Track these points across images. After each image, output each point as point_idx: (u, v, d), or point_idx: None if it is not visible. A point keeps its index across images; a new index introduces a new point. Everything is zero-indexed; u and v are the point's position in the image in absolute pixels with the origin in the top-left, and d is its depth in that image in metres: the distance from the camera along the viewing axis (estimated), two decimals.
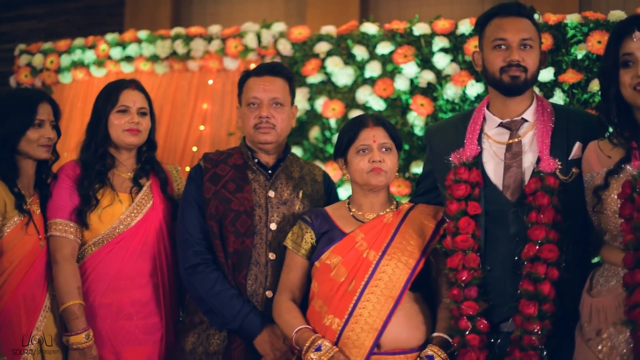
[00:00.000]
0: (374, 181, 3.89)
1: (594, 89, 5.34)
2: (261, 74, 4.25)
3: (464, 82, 5.57)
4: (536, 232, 3.57)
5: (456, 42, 5.71)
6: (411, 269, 3.78)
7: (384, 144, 3.91)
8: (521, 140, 3.81)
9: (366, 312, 3.70)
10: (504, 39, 3.76)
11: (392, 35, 5.86)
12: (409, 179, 5.62)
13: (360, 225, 3.91)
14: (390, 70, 5.77)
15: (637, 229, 3.20)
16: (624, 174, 3.37)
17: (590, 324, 3.42)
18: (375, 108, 5.72)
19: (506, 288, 3.64)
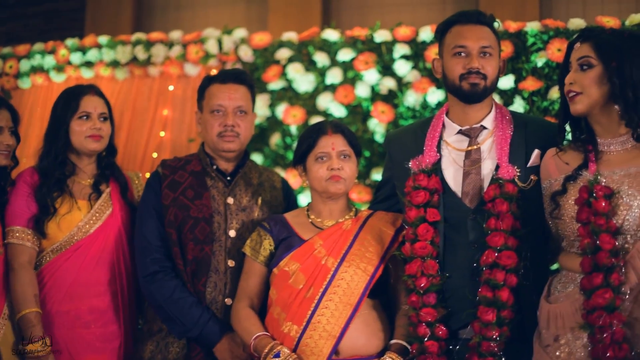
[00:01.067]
0: (332, 189, 3.88)
1: (553, 97, 5.37)
2: (225, 81, 4.23)
3: (425, 89, 5.58)
4: (495, 239, 3.57)
5: (417, 49, 5.72)
6: (370, 275, 3.78)
7: (343, 151, 3.91)
8: (480, 147, 3.82)
9: (324, 319, 3.70)
10: (464, 46, 3.78)
11: (353, 42, 5.86)
12: (370, 186, 5.62)
13: (319, 232, 3.91)
14: (351, 77, 5.77)
15: (594, 233, 3.24)
16: (581, 180, 3.41)
17: (548, 330, 3.44)
18: (336, 115, 5.72)
19: (465, 294, 3.64)
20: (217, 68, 6.01)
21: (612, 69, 3.37)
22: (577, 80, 3.44)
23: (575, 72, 3.47)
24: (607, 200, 3.27)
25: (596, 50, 3.42)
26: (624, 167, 3.37)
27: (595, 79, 3.40)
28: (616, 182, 3.33)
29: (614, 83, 3.36)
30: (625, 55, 3.36)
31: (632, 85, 3.34)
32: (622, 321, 3.20)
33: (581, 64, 3.44)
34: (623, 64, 3.36)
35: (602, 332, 3.18)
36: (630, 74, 3.35)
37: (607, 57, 3.39)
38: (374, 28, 5.89)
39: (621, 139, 3.44)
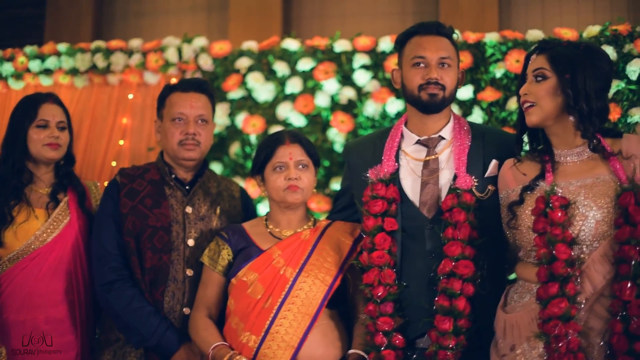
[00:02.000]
0: (290, 199, 3.89)
1: (512, 107, 5.41)
2: (187, 90, 4.22)
3: (384, 99, 5.60)
4: (452, 248, 3.60)
5: (377, 59, 5.73)
6: (328, 286, 3.78)
7: (301, 161, 3.91)
8: (438, 157, 3.85)
9: (283, 330, 3.69)
10: (423, 57, 3.80)
11: (313, 52, 5.87)
12: (329, 196, 5.62)
13: (278, 242, 3.91)
14: (311, 87, 5.77)
15: (550, 243, 3.28)
16: (538, 190, 3.45)
17: (505, 339, 3.48)
18: (296, 124, 5.72)
19: (422, 304, 3.66)
20: (177, 77, 5.99)
21: (566, 80, 3.41)
22: (532, 91, 3.50)
23: (530, 83, 3.52)
24: (563, 210, 3.32)
25: (551, 62, 3.47)
26: (580, 178, 3.42)
27: (549, 90, 3.45)
28: (572, 193, 3.37)
29: (567, 94, 3.41)
30: (579, 67, 3.41)
31: (585, 96, 3.39)
32: (577, 330, 3.24)
33: (536, 75, 3.50)
34: (577, 75, 3.40)
35: (558, 341, 3.22)
36: (584, 86, 3.39)
37: (561, 68, 3.44)
38: (334, 38, 5.90)
39: (577, 150, 3.49)
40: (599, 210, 3.33)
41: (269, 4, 7.70)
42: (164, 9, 8.28)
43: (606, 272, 3.30)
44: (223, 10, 8.05)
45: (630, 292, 3.22)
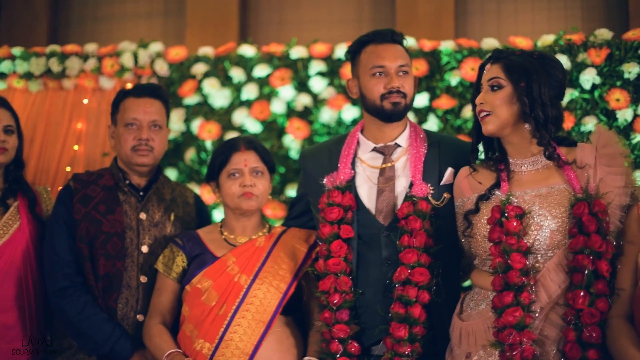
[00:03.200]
0: (245, 205, 3.89)
1: (467, 115, 5.44)
2: (140, 95, 4.21)
3: (340, 106, 5.60)
4: (408, 256, 3.61)
5: (333, 66, 5.73)
6: (283, 293, 3.79)
7: (256, 168, 3.91)
8: (394, 165, 3.86)
9: (237, 337, 3.69)
10: (383, 66, 3.81)
11: (269, 58, 5.86)
12: (284, 202, 5.61)
13: (232, 249, 3.90)
14: (267, 93, 5.76)
15: (505, 253, 3.31)
16: (493, 199, 3.48)
17: (460, 347, 3.51)
18: (252, 130, 5.71)
19: (377, 311, 3.67)
20: (133, 82, 5.96)
21: (521, 89, 3.44)
22: (488, 100, 3.52)
23: (485, 92, 3.55)
24: (518, 220, 3.35)
25: (505, 71, 3.50)
26: (535, 188, 3.46)
27: (505, 99, 3.48)
28: (527, 203, 3.41)
29: (523, 102, 3.44)
30: (533, 75, 3.45)
31: (541, 104, 3.43)
32: (531, 339, 3.29)
33: (491, 84, 3.52)
34: (531, 83, 3.44)
35: (512, 349, 3.26)
36: (539, 93, 3.43)
37: (516, 77, 3.47)
38: (290, 44, 5.90)
39: (532, 159, 3.53)
40: (554, 220, 3.37)
41: (226, 10, 7.67)
42: (121, 14, 8.21)
43: (561, 281, 3.35)
44: (180, 16, 8.00)
45: (583, 300, 3.28)
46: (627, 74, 5.30)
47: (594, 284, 3.29)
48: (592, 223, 3.29)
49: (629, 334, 3.22)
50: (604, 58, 5.37)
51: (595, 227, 3.29)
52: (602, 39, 5.47)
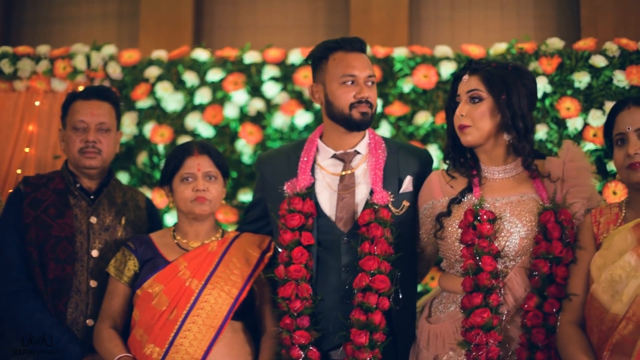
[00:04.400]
0: (197, 210, 3.88)
1: (419, 122, 5.48)
2: (88, 98, 4.18)
3: (293, 112, 5.61)
4: (369, 263, 3.63)
5: (286, 71, 5.74)
6: (234, 298, 3.78)
7: (209, 173, 3.91)
8: (354, 172, 3.88)
9: (187, 342, 3.68)
10: (354, 75, 3.82)
11: (223, 63, 5.85)
12: (237, 207, 5.61)
13: (184, 253, 3.89)
14: (220, 97, 5.75)
15: (477, 255, 3.40)
16: (465, 203, 3.58)
17: (428, 349, 3.60)
18: (204, 135, 5.70)
19: (336, 317, 3.70)
20: (85, 84, 5.91)
21: (502, 101, 3.53)
22: (468, 112, 3.59)
23: (465, 104, 3.61)
24: (490, 224, 3.45)
25: (485, 84, 3.58)
26: (506, 195, 3.56)
27: (486, 112, 3.57)
28: (498, 209, 3.52)
29: (505, 115, 3.53)
30: (512, 87, 3.55)
31: (521, 115, 3.54)
32: (497, 340, 3.38)
33: (471, 96, 3.60)
34: (512, 95, 3.53)
35: (478, 349, 3.35)
36: (519, 105, 3.54)
37: (496, 90, 3.55)
38: (244, 49, 5.90)
39: (505, 167, 3.64)
40: (524, 228, 3.49)
41: (181, 13, 7.66)
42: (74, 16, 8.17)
43: (526, 285, 3.46)
44: (134, 19, 7.97)
45: (533, 303, 3.40)
46: (577, 83, 5.37)
47: (547, 288, 3.40)
48: (555, 230, 3.42)
49: (579, 340, 3.27)
50: (555, 67, 5.44)
51: (559, 235, 3.42)
52: (554, 48, 5.54)
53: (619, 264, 3.21)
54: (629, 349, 3.11)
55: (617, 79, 5.38)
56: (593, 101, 5.40)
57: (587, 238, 3.41)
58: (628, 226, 3.29)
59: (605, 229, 3.38)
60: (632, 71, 5.39)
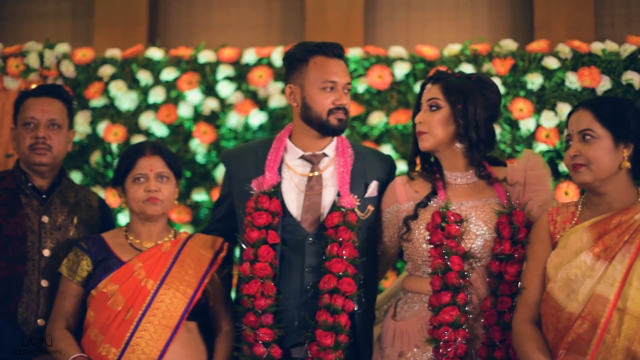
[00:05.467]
0: (149, 210, 3.87)
1: (373, 122, 5.50)
2: (39, 95, 4.15)
3: (247, 111, 5.62)
4: (337, 266, 3.67)
5: (241, 70, 5.75)
6: (189, 298, 3.78)
7: (161, 173, 3.90)
8: (322, 174, 3.91)
9: (143, 342, 3.68)
10: (335, 81, 3.85)
11: (177, 62, 5.85)
12: (190, 207, 5.61)
13: (139, 253, 3.88)
14: (174, 97, 5.74)
15: (445, 254, 3.49)
16: (431, 207, 3.66)
17: (393, 347, 3.66)
18: (158, 134, 5.68)
19: (297, 315, 3.75)
20: (38, 82, 5.87)
21: (458, 110, 3.63)
22: (425, 120, 3.69)
23: (424, 112, 3.72)
24: (458, 225, 3.54)
25: (444, 93, 3.68)
26: (471, 200, 3.67)
27: (442, 119, 3.67)
28: (464, 212, 3.61)
29: (459, 124, 3.63)
30: (470, 97, 3.63)
31: (475, 126, 3.62)
32: (465, 337, 3.47)
33: (430, 105, 3.70)
34: (467, 106, 3.62)
35: (447, 346, 3.44)
36: (474, 116, 3.62)
37: (453, 99, 3.65)
38: (199, 48, 5.89)
39: (466, 173, 3.74)
40: (489, 230, 3.59)
41: (135, 12, 7.61)
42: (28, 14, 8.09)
43: (489, 286, 3.54)
44: (88, 17, 7.91)
45: (489, 303, 3.50)
46: (530, 84, 5.43)
47: (499, 287, 3.51)
48: (506, 230, 3.51)
49: (535, 339, 3.32)
50: (509, 68, 5.50)
51: (509, 234, 3.51)
52: (507, 50, 5.59)
53: (575, 263, 3.25)
54: (584, 348, 3.16)
55: (569, 81, 5.44)
56: (545, 102, 5.46)
57: (543, 237, 3.45)
58: (584, 225, 3.34)
59: (561, 228, 3.42)
60: (584, 73, 5.46)
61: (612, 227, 3.28)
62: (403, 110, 5.58)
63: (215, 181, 5.63)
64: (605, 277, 3.19)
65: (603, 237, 3.27)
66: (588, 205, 3.43)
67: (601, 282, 3.18)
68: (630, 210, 3.30)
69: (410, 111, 5.46)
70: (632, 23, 7.09)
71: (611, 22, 7.08)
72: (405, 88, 5.62)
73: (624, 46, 5.63)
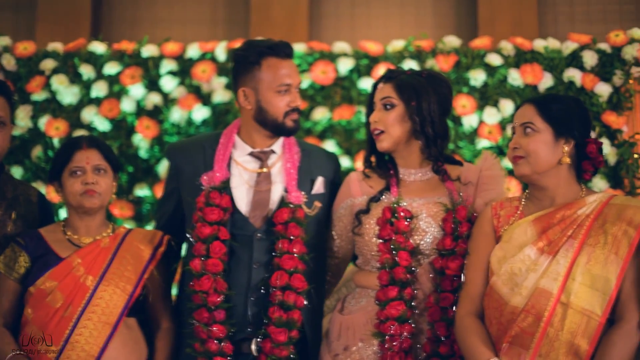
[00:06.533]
0: (87, 203, 3.82)
1: (317, 118, 5.51)
2: None
3: (191, 106, 5.60)
4: (289, 262, 3.68)
5: (184, 65, 5.74)
6: (129, 295, 3.75)
7: (98, 166, 3.86)
8: (270, 170, 3.91)
9: (83, 339, 3.64)
10: (290, 84, 3.86)
11: (120, 56, 5.81)
12: (133, 202, 5.58)
13: (77, 249, 3.83)
14: (116, 91, 5.71)
15: (394, 249, 3.52)
16: (383, 202, 3.68)
17: (339, 341, 3.68)
18: (100, 129, 5.65)
19: (244, 311, 3.75)
20: None
21: (412, 108, 3.66)
22: (381, 119, 3.73)
23: (379, 111, 3.74)
24: (407, 221, 3.57)
25: (397, 91, 3.71)
26: (423, 197, 3.69)
27: (397, 118, 3.70)
28: (415, 209, 3.64)
29: (414, 121, 3.66)
30: (423, 94, 3.67)
31: (431, 122, 3.67)
32: (410, 332, 3.51)
33: (384, 103, 3.73)
34: (422, 102, 3.66)
35: (393, 340, 3.47)
36: (429, 112, 3.66)
37: (407, 97, 3.68)
38: (142, 42, 5.86)
39: (420, 170, 3.77)
40: (437, 228, 3.62)
41: (78, 6, 7.56)
42: None
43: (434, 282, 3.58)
44: (31, 10, 7.84)
45: (432, 299, 3.55)
46: (473, 80, 5.47)
47: (441, 282, 3.55)
48: (448, 226, 3.56)
49: (478, 332, 3.35)
50: (452, 65, 5.54)
51: (450, 230, 3.55)
52: (450, 46, 5.64)
53: (519, 257, 3.29)
54: (527, 342, 3.20)
55: (511, 78, 5.50)
56: (488, 99, 5.52)
57: (487, 230, 3.49)
58: (528, 219, 3.38)
59: (505, 222, 3.45)
60: (527, 70, 5.52)
61: (555, 221, 3.32)
62: (347, 106, 5.61)
63: (158, 176, 5.60)
64: (549, 271, 3.23)
65: (547, 231, 3.30)
66: (531, 200, 3.47)
67: (545, 276, 3.22)
68: (574, 205, 3.34)
69: (354, 107, 5.52)
70: (575, 21, 7.18)
71: (554, 19, 7.17)
72: (349, 84, 5.64)
73: (566, 43, 5.71)
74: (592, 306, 3.18)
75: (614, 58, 5.66)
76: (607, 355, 3.15)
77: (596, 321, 3.17)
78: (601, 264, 3.20)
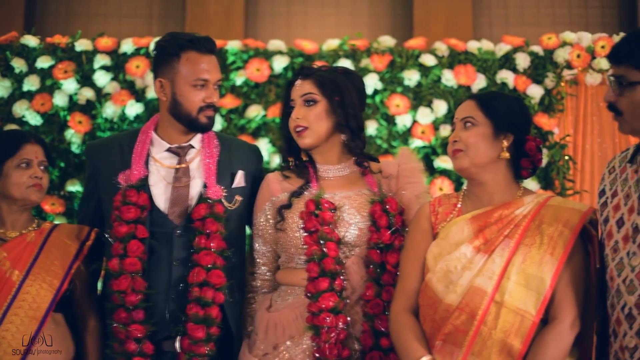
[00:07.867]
0: (34, 197, 3.78)
1: (250, 115, 5.51)
2: None
3: (124, 102, 5.57)
4: (206, 258, 3.64)
5: (118, 60, 5.70)
6: (55, 289, 3.70)
7: (43, 162, 3.83)
8: (189, 166, 3.87)
9: (10, 335, 3.59)
10: (207, 79, 3.80)
11: (53, 50, 5.76)
12: (64, 197, 5.53)
13: (3, 244, 3.78)
14: (49, 85, 5.66)
15: (321, 239, 3.52)
16: (306, 196, 3.68)
17: (266, 339, 3.62)
18: (32, 123, 5.59)
19: (166, 309, 3.70)
20: None
21: (336, 102, 3.68)
22: (304, 116, 3.71)
23: (300, 107, 3.73)
24: (331, 212, 3.58)
25: (319, 87, 3.72)
26: (343, 190, 3.71)
27: (321, 113, 3.70)
28: (337, 202, 3.65)
29: (339, 115, 3.68)
30: (344, 89, 3.70)
31: (354, 115, 3.70)
32: (346, 323, 3.49)
33: (306, 100, 3.72)
34: (344, 97, 3.69)
35: (329, 332, 3.45)
36: (352, 106, 3.70)
37: (329, 92, 3.70)
38: (75, 37, 5.82)
39: (339, 166, 3.79)
40: (362, 219, 3.64)
41: None
42: None
43: (363, 275, 3.59)
44: None
45: (371, 292, 3.54)
46: (407, 80, 5.51)
47: (381, 277, 3.55)
48: (382, 219, 3.58)
49: (413, 328, 3.35)
50: (386, 65, 5.57)
51: (386, 223, 3.58)
52: (385, 46, 5.67)
53: (455, 255, 3.30)
54: (460, 339, 3.20)
55: (445, 78, 5.56)
56: (422, 99, 5.56)
57: (424, 227, 3.48)
58: (466, 217, 3.39)
59: (443, 219, 3.46)
60: (460, 71, 5.57)
61: (493, 220, 3.34)
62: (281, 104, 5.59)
63: None
64: (484, 270, 3.24)
65: (484, 230, 3.32)
66: (470, 197, 3.49)
67: (480, 274, 3.24)
68: (512, 205, 3.37)
69: None
70: (509, 23, 7.27)
71: (489, 22, 7.26)
72: (284, 82, 5.64)
73: (499, 45, 5.78)
74: (526, 306, 3.19)
75: (546, 61, 5.75)
76: (540, 355, 3.17)
77: (530, 320, 3.18)
78: (536, 264, 3.22)
